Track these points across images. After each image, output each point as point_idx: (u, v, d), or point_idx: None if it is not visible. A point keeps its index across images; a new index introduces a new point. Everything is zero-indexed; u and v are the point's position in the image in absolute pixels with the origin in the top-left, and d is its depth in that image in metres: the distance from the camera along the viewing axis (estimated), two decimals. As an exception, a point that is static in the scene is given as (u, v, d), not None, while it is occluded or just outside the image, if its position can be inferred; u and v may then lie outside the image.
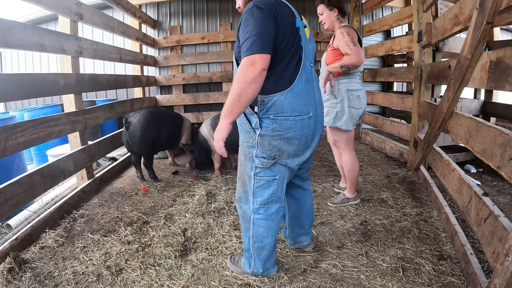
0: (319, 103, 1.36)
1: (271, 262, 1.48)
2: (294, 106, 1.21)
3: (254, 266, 1.45)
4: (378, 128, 4.05)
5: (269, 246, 1.41)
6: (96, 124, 2.90)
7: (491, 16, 1.41)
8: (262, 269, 1.46)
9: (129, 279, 1.50)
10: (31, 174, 1.96)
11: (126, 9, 3.74)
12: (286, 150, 1.26)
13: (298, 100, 1.22)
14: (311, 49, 1.35)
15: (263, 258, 1.43)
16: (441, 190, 2.24)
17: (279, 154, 1.27)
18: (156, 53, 4.98)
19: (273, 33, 1.14)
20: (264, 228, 1.37)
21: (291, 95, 1.21)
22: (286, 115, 1.21)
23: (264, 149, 1.26)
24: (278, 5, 1.17)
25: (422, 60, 2.73)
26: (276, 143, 1.24)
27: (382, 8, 5.51)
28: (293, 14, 1.23)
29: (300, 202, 1.59)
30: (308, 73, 1.28)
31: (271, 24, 1.13)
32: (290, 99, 1.21)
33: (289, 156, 1.28)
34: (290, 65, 1.22)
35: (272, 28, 1.13)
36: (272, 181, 1.32)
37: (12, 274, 1.52)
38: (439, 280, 1.41)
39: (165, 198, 2.50)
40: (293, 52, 1.21)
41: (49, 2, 2.20)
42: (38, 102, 5.50)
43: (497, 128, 1.31)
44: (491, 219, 1.23)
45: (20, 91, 1.87)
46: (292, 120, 1.22)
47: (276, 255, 1.59)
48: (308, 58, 1.28)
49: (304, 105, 1.24)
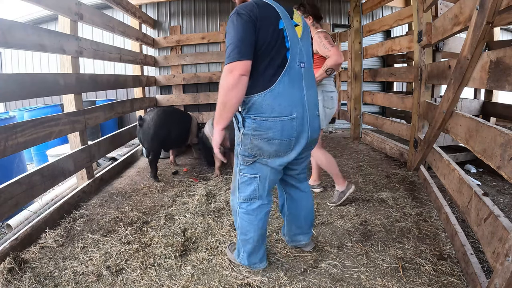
0: (309, 104, 1.32)
1: (257, 257, 1.51)
2: (273, 107, 1.23)
3: (242, 257, 1.54)
4: (378, 128, 4.05)
5: (252, 241, 1.45)
6: (96, 124, 2.90)
7: (491, 16, 1.41)
8: (248, 262, 1.52)
9: (129, 279, 1.50)
10: (31, 174, 1.96)
11: (126, 9, 3.74)
12: (266, 150, 1.28)
13: (278, 101, 1.23)
14: (304, 48, 1.32)
15: (247, 251, 1.49)
16: (441, 190, 2.24)
17: (259, 153, 1.29)
18: (156, 53, 4.98)
19: (252, 39, 1.17)
20: (246, 222, 1.43)
21: (270, 96, 1.22)
22: (265, 116, 1.24)
23: (246, 148, 1.30)
24: (260, 8, 1.19)
25: (422, 60, 2.73)
26: (257, 142, 1.27)
27: (382, 8, 5.51)
28: (277, 15, 1.22)
29: (297, 203, 1.60)
30: (295, 73, 1.27)
31: (250, 30, 1.16)
32: (269, 100, 1.22)
33: (270, 156, 1.30)
34: (271, 66, 1.23)
35: (251, 34, 1.17)
36: (253, 178, 1.36)
37: (12, 274, 1.52)
38: (439, 280, 1.41)
39: (165, 198, 2.50)
40: (274, 54, 1.22)
41: (49, 2, 2.20)
42: (38, 102, 5.49)
43: (497, 128, 1.31)
44: (491, 219, 1.23)
45: (20, 91, 1.87)
46: (271, 121, 1.24)
47: (266, 253, 1.62)
48: (296, 58, 1.27)
49: (285, 106, 1.24)
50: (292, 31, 1.26)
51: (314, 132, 1.37)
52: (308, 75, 1.35)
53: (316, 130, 1.38)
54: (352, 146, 4.19)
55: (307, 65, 1.34)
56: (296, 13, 1.35)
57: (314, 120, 1.36)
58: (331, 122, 5.53)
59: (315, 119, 1.37)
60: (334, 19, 5.41)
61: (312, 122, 1.34)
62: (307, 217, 1.63)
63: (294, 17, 1.32)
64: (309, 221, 1.65)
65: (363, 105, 4.47)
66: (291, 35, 1.25)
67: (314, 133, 1.37)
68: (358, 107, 4.45)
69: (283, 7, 1.28)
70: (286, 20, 1.25)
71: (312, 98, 1.36)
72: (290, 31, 1.25)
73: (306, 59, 1.33)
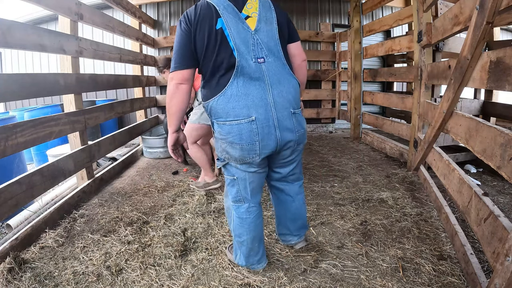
0: (276, 103, 1.21)
1: (254, 258, 1.49)
2: (227, 110, 1.18)
3: (239, 258, 1.51)
4: (378, 128, 4.05)
5: (246, 243, 1.43)
6: (96, 124, 2.90)
7: (491, 16, 1.41)
8: (246, 262, 1.50)
9: (129, 279, 1.50)
10: (31, 174, 1.95)
11: (126, 9, 3.74)
12: (232, 154, 1.25)
13: (232, 104, 1.17)
14: (264, 40, 1.21)
15: (243, 253, 1.47)
16: (441, 190, 2.24)
17: (228, 157, 1.28)
18: (156, 53, 4.98)
19: (188, 47, 1.18)
20: (239, 225, 1.42)
21: (223, 100, 1.18)
22: (222, 120, 1.21)
23: (218, 151, 1.32)
24: (198, 11, 1.18)
25: (422, 60, 2.73)
26: (224, 146, 1.26)
27: (382, 8, 5.51)
28: (215, 15, 1.16)
29: (283, 205, 1.56)
30: (251, 72, 1.17)
31: (185, 38, 1.18)
32: (222, 104, 1.18)
33: (237, 161, 1.26)
34: (218, 69, 1.19)
35: (187, 42, 1.18)
36: (233, 180, 1.35)
37: (12, 274, 1.52)
38: (439, 280, 1.41)
39: (165, 198, 2.50)
40: (217, 56, 1.17)
41: (49, 2, 2.20)
42: (38, 102, 5.49)
43: (497, 128, 1.31)
44: (491, 219, 1.23)
45: (20, 91, 1.87)
46: (228, 124, 1.20)
47: (266, 253, 1.61)
48: (249, 55, 1.17)
49: (241, 108, 1.17)
50: (237, 26, 1.17)
51: (287, 134, 1.25)
52: (275, 69, 1.22)
53: (290, 131, 1.25)
54: (352, 146, 4.19)
55: (270, 58, 1.21)
56: (251, 1, 1.22)
57: (286, 120, 1.23)
58: (331, 122, 5.53)
59: (287, 119, 1.24)
60: (334, 19, 5.41)
61: (283, 122, 1.22)
62: (295, 220, 1.57)
63: (245, 8, 1.21)
64: (297, 225, 1.59)
65: (363, 105, 4.47)
66: (235, 31, 1.16)
67: (288, 135, 1.25)
68: (358, 107, 4.45)
69: (229, 1, 1.19)
70: (229, 17, 1.17)
71: (282, 95, 1.23)
72: (234, 28, 1.16)
73: (268, 52, 1.21)
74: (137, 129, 3.97)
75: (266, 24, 1.23)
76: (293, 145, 1.30)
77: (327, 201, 2.34)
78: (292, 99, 1.27)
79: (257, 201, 1.43)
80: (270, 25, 1.24)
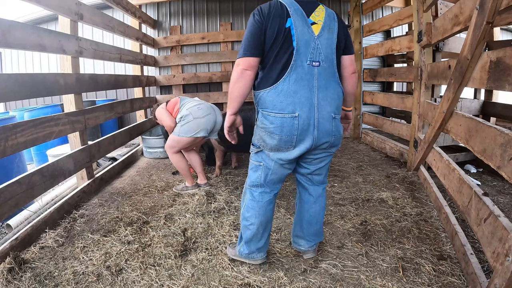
0: (320, 105, 1.30)
1: (256, 245, 1.52)
2: (275, 103, 1.28)
3: (241, 247, 1.56)
4: (378, 128, 4.05)
5: (252, 228, 1.48)
6: (96, 124, 2.90)
7: (491, 16, 1.41)
8: (247, 249, 1.53)
9: (129, 279, 1.50)
10: (31, 174, 1.95)
11: (126, 9, 3.74)
12: (268, 143, 1.34)
13: (280, 98, 1.27)
14: (322, 46, 1.29)
15: (246, 238, 1.51)
16: (441, 190, 2.24)
17: (263, 145, 1.37)
18: (156, 53, 4.98)
19: (258, 37, 1.25)
20: (249, 207, 1.49)
21: (274, 93, 1.28)
22: (268, 111, 1.31)
23: (255, 138, 1.42)
24: (271, 8, 1.27)
25: (422, 60, 2.73)
26: (262, 134, 1.35)
27: (382, 8, 5.51)
28: (286, 14, 1.25)
29: (303, 205, 1.57)
30: (303, 73, 1.27)
31: (257, 28, 1.25)
32: (271, 97, 1.28)
33: (271, 149, 1.36)
34: (276, 64, 1.28)
35: (258, 33, 1.25)
36: (258, 166, 1.44)
37: (12, 274, 1.52)
38: (439, 280, 1.41)
39: (165, 198, 2.50)
40: (280, 52, 1.26)
41: (49, 2, 2.20)
42: (38, 102, 5.49)
43: (497, 128, 1.31)
44: (491, 219, 1.23)
45: (20, 91, 1.87)
46: (273, 116, 1.29)
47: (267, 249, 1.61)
48: (305, 57, 1.26)
49: (288, 104, 1.26)
50: (302, 29, 1.25)
51: (324, 135, 1.33)
52: (325, 75, 1.31)
53: (328, 133, 1.33)
54: (352, 146, 4.19)
55: (325, 64, 1.30)
56: (319, 10, 1.31)
57: (326, 123, 1.32)
58: None
59: (327, 122, 1.32)
60: (334, 19, 5.40)
61: (323, 125, 1.31)
62: (311, 224, 1.56)
63: (313, 15, 1.29)
64: (312, 229, 1.57)
65: (363, 105, 4.47)
66: (301, 33, 1.25)
67: (324, 137, 1.33)
68: (358, 107, 4.45)
69: (300, 6, 1.28)
70: (297, 19, 1.25)
71: (326, 99, 1.31)
72: (299, 30, 1.25)
73: (324, 58, 1.29)
74: (137, 129, 3.97)
75: (328, 33, 1.31)
76: (327, 146, 1.38)
77: (327, 201, 2.34)
78: (335, 104, 1.35)
79: (273, 190, 1.49)
80: (331, 34, 1.32)
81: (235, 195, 2.51)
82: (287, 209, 2.23)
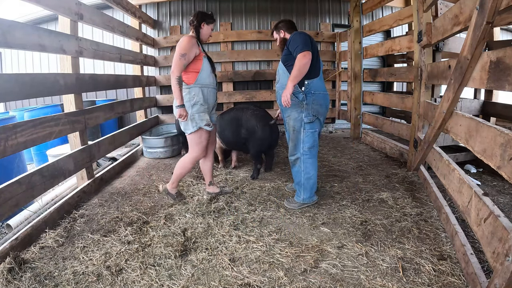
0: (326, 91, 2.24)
1: (313, 191, 2.23)
2: (319, 86, 2.15)
3: (304, 195, 2.20)
4: (378, 128, 4.05)
5: (313, 177, 2.19)
6: (96, 124, 2.90)
7: (491, 16, 1.41)
8: (310, 194, 2.20)
9: (129, 279, 1.50)
10: (31, 174, 1.95)
11: (126, 9, 3.74)
12: (320, 111, 2.15)
13: (320, 83, 2.16)
14: None
15: (310, 186, 2.19)
16: (441, 190, 2.24)
17: (317, 113, 2.14)
18: (156, 53, 4.98)
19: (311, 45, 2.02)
20: (309, 164, 2.18)
21: (318, 80, 2.14)
22: (318, 91, 2.13)
23: (309, 112, 2.12)
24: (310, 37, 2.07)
25: (422, 60, 2.73)
26: (316, 107, 2.13)
27: (382, 8, 5.51)
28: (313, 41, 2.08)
29: None
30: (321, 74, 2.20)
31: (310, 40, 2.03)
32: (318, 82, 2.14)
33: (321, 114, 2.17)
34: (317, 63, 2.13)
35: (310, 42, 2.03)
36: (313, 132, 2.16)
37: (12, 274, 1.52)
38: (439, 280, 1.41)
39: (165, 198, 2.50)
40: (316, 61, 2.12)
41: (49, 2, 2.20)
42: (38, 102, 5.49)
43: (497, 128, 1.31)
44: (491, 219, 1.23)
45: (20, 91, 1.87)
46: (321, 93, 2.15)
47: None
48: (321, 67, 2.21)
49: (323, 87, 2.18)
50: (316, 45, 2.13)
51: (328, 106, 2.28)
52: None
53: None
54: (352, 146, 4.19)
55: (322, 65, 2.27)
56: None
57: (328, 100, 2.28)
58: (331, 122, 5.53)
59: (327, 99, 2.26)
60: (334, 19, 5.41)
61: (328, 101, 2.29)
62: None
63: None
64: None
65: (363, 105, 4.47)
66: (316, 48, 2.11)
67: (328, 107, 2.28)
68: (358, 107, 4.45)
69: None
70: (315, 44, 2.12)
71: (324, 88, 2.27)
72: (315, 47, 2.11)
73: None
74: (137, 129, 3.97)
75: None
76: None
77: (327, 201, 2.34)
78: None
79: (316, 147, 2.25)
80: None
81: (235, 195, 2.51)
82: (287, 209, 2.23)
